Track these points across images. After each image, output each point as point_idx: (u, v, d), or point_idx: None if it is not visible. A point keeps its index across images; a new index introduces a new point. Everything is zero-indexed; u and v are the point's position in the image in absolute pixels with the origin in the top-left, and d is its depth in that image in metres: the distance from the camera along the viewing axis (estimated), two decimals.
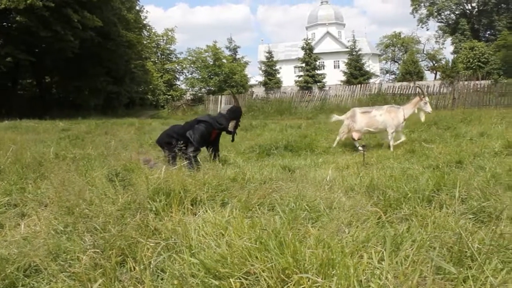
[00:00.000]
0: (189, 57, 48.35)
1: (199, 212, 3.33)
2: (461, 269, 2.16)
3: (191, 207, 3.51)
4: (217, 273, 2.21)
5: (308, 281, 1.97)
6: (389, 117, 8.38)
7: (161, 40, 51.51)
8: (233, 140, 6.91)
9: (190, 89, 47.30)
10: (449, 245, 2.42)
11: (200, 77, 45.97)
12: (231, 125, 6.45)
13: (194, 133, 6.13)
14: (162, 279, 2.28)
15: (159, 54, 51.59)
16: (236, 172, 4.91)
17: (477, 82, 29.20)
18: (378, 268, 2.05)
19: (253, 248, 2.29)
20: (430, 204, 3.54)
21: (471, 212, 3.30)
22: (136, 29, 35.48)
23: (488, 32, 56.88)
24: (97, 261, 2.39)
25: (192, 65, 48.04)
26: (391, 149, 8.00)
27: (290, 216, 2.93)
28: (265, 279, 2.09)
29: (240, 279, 2.14)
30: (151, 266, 2.35)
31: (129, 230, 2.81)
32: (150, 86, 42.42)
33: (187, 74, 49.77)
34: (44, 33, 22.42)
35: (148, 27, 44.91)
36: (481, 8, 56.63)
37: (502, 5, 55.01)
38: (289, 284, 2.03)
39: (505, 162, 5.30)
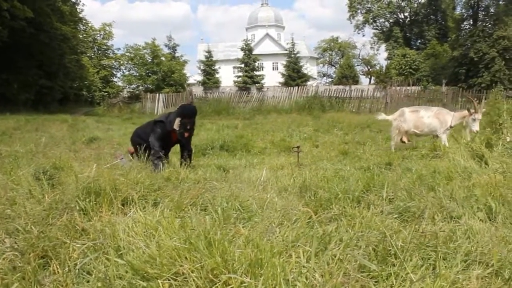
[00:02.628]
0: (126, 54, 47.19)
1: (130, 212, 3.25)
2: (384, 266, 2.24)
3: (122, 207, 3.42)
4: (145, 274, 2.16)
5: (237, 281, 1.97)
6: (437, 121, 7.75)
7: (98, 35, 50.00)
8: (180, 143, 6.23)
9: (127, 86, 46.20)
10: (374, 244, 2.50)
11: (137, 74, 45.02)
12: (176, 123, 5.84)
13: (153, 137, 5.93)
14: (88, 281, 2.20)
15: (95, 49, 50.04)
16: (170, 172, 4.85)
17: (408, 87, 30.56)
18: (305, 267, 2.08)
19: (182, 249, 2.27)
20: (359, 204, 3.65)
21: (397, 211, 3.44)
22: (71, 22, 34.20)
23: (419, 41, 59.41)
24: (16, 264, 2.27)
25: (129, 62, 46.94)
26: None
27: (222, 216, 2.92)
28: (194, 280, 2.07)
29: (169, 279, 2.10)
30: (76, 268, 2.26)
31: (54, 230, 2.70)
32: (86, 82, 41.04)
33: (124, 71, 48.59)
34: None
35: (84, 21, 43.40)
36: (413, 18, 59.16)
37: (431, 16, 57.71)
38: (217, 284, 2.02)
39: (430, 164, 5.55)
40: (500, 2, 45.93)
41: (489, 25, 44.54)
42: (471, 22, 49.05)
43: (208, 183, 4.22)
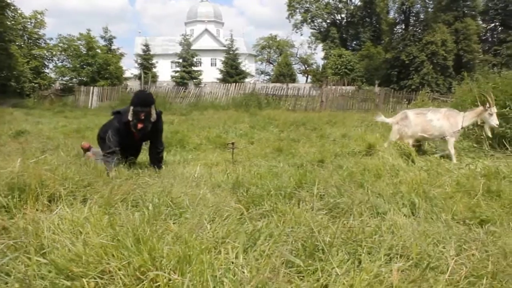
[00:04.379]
0: (60, 44, 45.20)
1: (56, 209, 3.13)
2: (312, 261, 2.29)
3: (49, 204, 3.29)
4: (69, 273, 2.09)
5: (164, 278, 1.95)
6: (447, 123, 7.24)
7: (29, 23, 47.58)
8: (137, 137, 5.44)
9: (60, 78, 44.35)
10: (303, 240, 2.56)
11: (71, 66, 43.35)
12: (130, 114, 5.14)
13: (110, 131, 5.24)
14: (6, 283, 2.09)
15: (26, 37, 47.63)
16: (102, 167, 4.72)
17: (343, 87, 31.43)
18: (233, 263, 2.09)
19: (110, 246, 2.22)
20: (291, 200, 3.72)
21: (327, 208, 3.54)
22: None
23: (354, 42, 61.05)
24: None
25: (63, 53, 45.08)
26: (454, 160, 6.83)
27: (153, 212, 2.88)
28: (120, 278, 2.03)
29: (95, 278, 2.05)
30: None
31: None
32: (14, 72, 38.93)
33: (57, 62, 46.57)
34: None
35: (12, 7, 41.19)
36: (349, 19, 60.74)
37: (366, 19, 59.56)
38: (144, 282, 1.99)
39: (361, 162, 5.72)
40: (429, 10, 48.21)
41: (419, 30, 46.64)
42: (403, 27, 51.09)
43: (141, 179, 4.16)
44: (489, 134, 7.31)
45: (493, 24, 52.16)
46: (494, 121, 7.06)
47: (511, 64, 35.48)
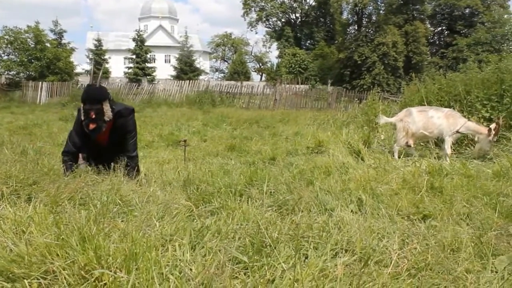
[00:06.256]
0: (5, 37, 43.51)
1: None
2: (258, 257, 2.31)
3: None
4: (10, 275, 2.03)
5: (109, 276, 1.93)
6: (446, 122, 7.02)
7: None
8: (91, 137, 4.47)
9: (6, 72, 42.68)
10: (251, 236, 2.58)
11: (18, 60, 41.78)
12: (82, 113, 4.47)
13: (72, 130, 4.66)
14: None
15: None
16: (50, 165, 4.59)
17: (296, 86, 31.84)
18: (180, 260, 2.09)
19: (54, 245, 2.17)
20: (241, 198, 3.74)
21: (276, 204, 3.58)
22: None
23: (308, 42, 61.81)
24: None
25: (9, 46, 43.38)
26: (448, 161, 6.51)
27: (100, 210, 2.84)
28: (65, 277, 1.99)
29: (38, 279, 2.00)
30: None
31: None
32: None
33: (2, 55, 44.78)
34: None
35: None
36: (303, 19, 61.43)
37: (321, 19, 60.44)
38: (89, 281, 1.96)
39: (312, 159, 5.81)
40: (381, 12, 49.48)
41: (371, 32, 47.86)
42: (356, 28, 52.19)
43: (89, 177, 4.07)
44: (475, 155, 6.94)
45: (440, 28, 54.25)
46: (487, 147, 6.82)
47: (455, 67, 36.89)
